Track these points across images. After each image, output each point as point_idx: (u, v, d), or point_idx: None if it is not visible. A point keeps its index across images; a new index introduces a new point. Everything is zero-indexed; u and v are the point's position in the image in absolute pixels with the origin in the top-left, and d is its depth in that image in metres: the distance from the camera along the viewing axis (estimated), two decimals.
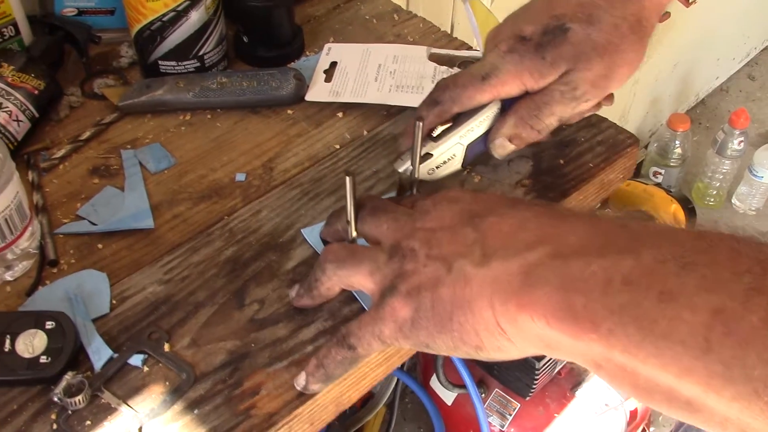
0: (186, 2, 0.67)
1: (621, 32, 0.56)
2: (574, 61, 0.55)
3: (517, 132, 0.59)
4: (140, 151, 0.67)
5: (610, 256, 0.39)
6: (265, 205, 0.63)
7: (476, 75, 0.57)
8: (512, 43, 0.57)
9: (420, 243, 0.48)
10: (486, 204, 0.48)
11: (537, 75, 0.56)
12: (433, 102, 0.58)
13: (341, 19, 0.82)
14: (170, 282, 0.58)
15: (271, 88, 0.70)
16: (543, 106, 0.57)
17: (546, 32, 0.56)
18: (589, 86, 0.56)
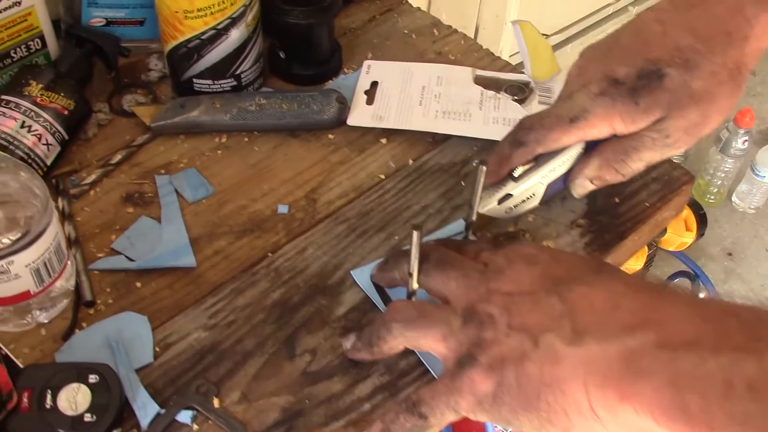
0: (227, 20, 0.63)
1: (719, 80, 0.52)
2: (668, 108, 0.52)
3: (600, 174, 0.57)
4: (175, 177, 0.64)
5: (727, 354, 0.37)
6: (311, 241, 0.60)
7: (564, 117, 0.54)
8: (604, 86, 0.53)
9: (499, 309, 0.45)
10: (568, 268, 0.46)
11: (629, 120, 0.53)
12: (517, 142, 0.56)
13: (378, 33, 0.78)
14: (216, 328, 0.55)
15: (312, 112, 0.66)
16: (631, 151, 0.55)
17: (641, 76, 0.53)
18: (682, 134, 0.54)
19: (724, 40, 0.53)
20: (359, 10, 0.81)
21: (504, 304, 0.45)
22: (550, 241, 0.61)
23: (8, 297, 0.51)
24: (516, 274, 0.46)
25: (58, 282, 0.53)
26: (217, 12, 0.62)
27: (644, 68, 0.52)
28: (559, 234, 0.62)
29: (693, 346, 0.38)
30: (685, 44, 0.52)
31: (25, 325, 0.54)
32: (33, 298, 0.52)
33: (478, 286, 0.47)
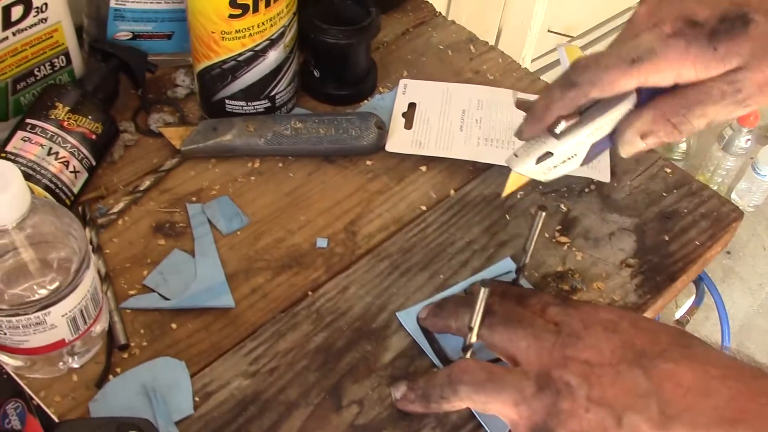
0: (266, 42, 0.59)
1: None
2: (749, 58, 0.46)
3: (654, 129, 0.49)
4: (208, 206, 0.60)
5: None
6: (353, 280, 0.57)
7: (625, 57, 0.46)
8: (680, 26, 0.46)
9: (577, 378, 0.42)
10: (650, 338, 0.43)
11: (701, 67, 0.46)
12: (570, 83, 0.48)
13: (413, 48, 0.75)
14: (257, 375, 0.52)
15: (351, 137, 0.63)
16: (695, 105, 0.47)
17: (724, 19, 0.45)
18: (756, 90, 0.47)
19: None
20: (391, 22, 0.77)
21: (583, 373, 0.43)
22: (600, 283, 0.59)
23: (42, 347, 0.48)
24: (594, 341, 0.44)
25: (94, 327, 0.50)
26: (257, 34, 0.58)
27: (729, 10, 0.45)
28: (608, 275, 0.59)
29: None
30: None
31: (57, 372, 0.51)
32: (67, 346, 0.49)
33: (553, 350, 0.44)
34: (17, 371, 0.50)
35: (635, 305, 0.58)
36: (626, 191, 0.65)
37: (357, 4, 0.67)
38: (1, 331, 0.46)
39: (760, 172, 2.06)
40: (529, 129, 0.50)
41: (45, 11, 0.57)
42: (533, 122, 0.49)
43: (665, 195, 0.65)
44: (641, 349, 0.43)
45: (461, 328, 0.50)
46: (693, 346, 0.43)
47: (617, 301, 0.58)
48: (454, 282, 0.58)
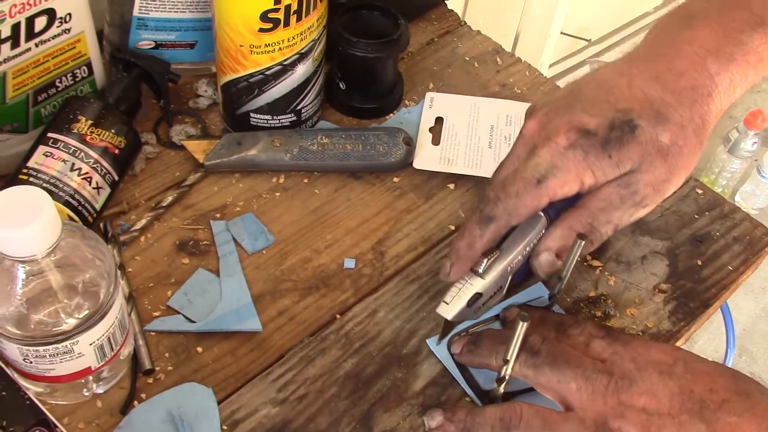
0: (295, 56, 0.58)
1: (686, 134, 0.49)
2: (639, 162, 0.48)
3: (567, 244, 0.50)
4: (232, 223, 0.59)
5: None
6: (381, 303, 0.56)
7: (530, 179, 0.48)
8: (573, 137, 0.48)
9: (637, 429, 0.41)
10: (709, 386, 0.42)
11: (599, 173, 0.48)
12: (487, 219, 0.49)
13: (438, 59, 0.73)
14: (286, 402, 0.51)
15: (379, 153, 0.62)
16: (599, 214, 0.50)
17: (613, 127, 0.48)
18: (651, 190, 0.50)
19: (691, 94, 0.49)
20: (416, 32, 0.76)
21: (642, 423, 0.41)
22: (633, 309, 0.57)
23: (67, 375, 0.46)
24: (650, 386, 0.43)
25: (121, 352, 0.49)
26: (286, 48, 0.57)
27: (616, 118, 0.48)
28: (641, 300, 0.58)
29: None
30: (654, 95, 0.48)
31: (80, 398, 0.49)
32: (93, 373, 0.47)
33: (606, 395, 0.43)
34: (39, 397, 0.48)
35: (669, 332, 0.57)
36: (657, 213, 0.64)
37: (385, 16, 0.65)
38: (27, 360, 0.45)
39: (765, 175, 2.05)
40: (456, 271, 0.50)
41: (69, 21, 0.55)
42: (458, 265, 0.50)
43: (697, 217, 0.64)
44: (701, 398, 0.42)
45: (500, 364, 0.49)
46: (752, 395, 0.42)
47: (651, 327, 0.57)
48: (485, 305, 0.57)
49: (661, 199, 0.51)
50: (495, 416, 0.46)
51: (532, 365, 0.47)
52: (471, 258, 0.50)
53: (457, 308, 0.50)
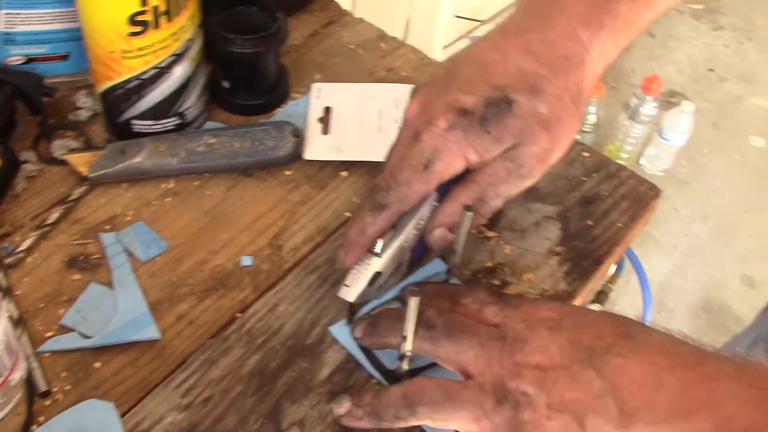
0: (170, 57, 0.57)
1: (563, 103, 0.51)
2: (520, 136, 0.50)
3: (459, 219, 0.52)
4: (123, 233, 0.58)
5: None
6: (282, 296, 0.56)
7: (417, 165, 0.49)
8: (452, 119, 0.49)
9: (533, 386, 0.42)
10: (595, 333, 0.43)
11: (482, 150, 0.50)
12: (380, 206, 0.50)
13: (323, 49, 0.73)
14: (191, 407, 0.50)
15: (267, 148, 0.62)
16: (487, 188, 0.52)
17: (489, 104, 0.49)
18: (536, 162, 0.51)
19: (564, 64, 0.51)
20: (299, 24, 0.76)
21: (537, 380, 0.42)
22: (529, 274, 0.59)
23: None
24: (542, 344, 0.44)
25: (11, 377, 0.47)
26: (160, 50, 0.56)
27: (492, 95, 0.49)
28: (537, 265, 0.60)
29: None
30: (528, 69, 0.50)
31: None
32: None
33: (502, 358, 0.44)
34: None
35: (566, 293, 0.58)
36: (547, 179, 0.65)
37: (262, 11, 0.65)
38: None
39: (666, 137, 2.13)
40: (351, 257, 0.51)
41: None
42: (353, 250, 0.51)
43: (585, 179, 0.66)
44: (589, 345, 0.43)
45: (400, 343, 0.49)
46: (635, 336, 0.43)
47: (548, 290, 0.58)
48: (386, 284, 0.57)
49: (546, 168, 0.53)
50: (398, 395, 0.47)
51: (429, 339, 0.47)
52: (364, 244, 0.51)
53: (358, 290, 0.50)
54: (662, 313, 2.02)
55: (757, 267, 2.12)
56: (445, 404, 0.45)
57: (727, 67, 2.62)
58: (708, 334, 1.98)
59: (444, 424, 0.45)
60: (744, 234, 2.19)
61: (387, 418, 0.47)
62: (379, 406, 0.47)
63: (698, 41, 2.70)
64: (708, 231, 2.18)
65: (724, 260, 2.13)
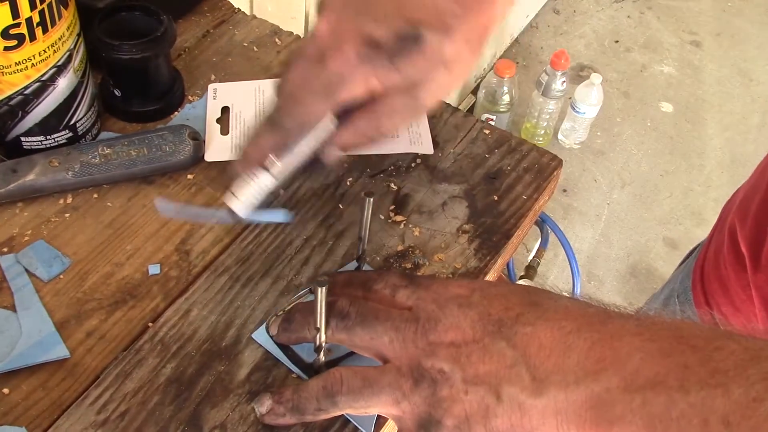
0: (52, 69, 0.55)
1: (471, 47, 0.51)
2: (423, 72, 0.51)
3: (353, 142, 0.54)
4: (22, 254, 0.56)
5: (695, 392, 0.37)
6: (193, 301, 0.55)
7: (320, 91, 0.50)
8: (362, 50, 0.49)
9: (448, 363, 0.43)
10: (504, 306, 0.44)
11: (386, 81, 0.50)
12: (277, 126, 0.51)
13: (216, 50, 0.73)
14: (108, 423, 0.49)
15: (166, 154, 0.60)
16: (383, 118, 0.52)
17: (400, 39, 0.49)
18: (431, 99, 0.53)
19: (476, 3, 0.51)
20: (190, 26, 0.74)
21: (452, 356, 0.43)
22: (440, 254, 0.60)
23: None
24: (453, 320, 0.44)
25: None
26: (40, 63, 0.54)
27: (402, 30, 0.49)
28: (447, 244, 0.60)
29: (659, 386, 0.38)
30: (445, 7, 0.50)
31: None
32: None
33: (416, 339, 0.45)
34: None
35: (477, 269, 0.59)
36: (451, 159, 0.66)
37: (147, 15, 0.63)
38: None
39: (579, 110, 2.18)
40: (241, 167, 0.52)
41: None
42: (245, 163, 0.52)
43: (488, 156, 0.67)
44: (498, 318, 0.44)
45: (315, 335, 0.49)
46: (542, 303, 0.44)
47: (459, 268, 0.59)
48: (299, 282, 0.57)
49: (438, 102, 0.54)
50: (318, 387, 0.47)
51: (344, 328, 0.47)
52: (256, 159, 0.52)
53: (247, 203, 0.52)
54: (592, 282, 2.07)
55: (676, 228, 2.19)
56: (364, 391, 0.45)
57: (631, 37, 2.69)
58: (638, 298, 2.04)
59: (366, 410, 0.46)
60: (662, 197, 2.26)
61: (309, 412, 0.47)
62: (300, 401, 0.47)
63: (602, 14, 2.77)
64: (628, 198, 2.25)
65: (645, 225, 2.20)
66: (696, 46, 2.70)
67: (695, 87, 2.56)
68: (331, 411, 0.47)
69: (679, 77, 2.58)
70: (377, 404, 0.45)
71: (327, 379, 0.47)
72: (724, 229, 0.78)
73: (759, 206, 0.70)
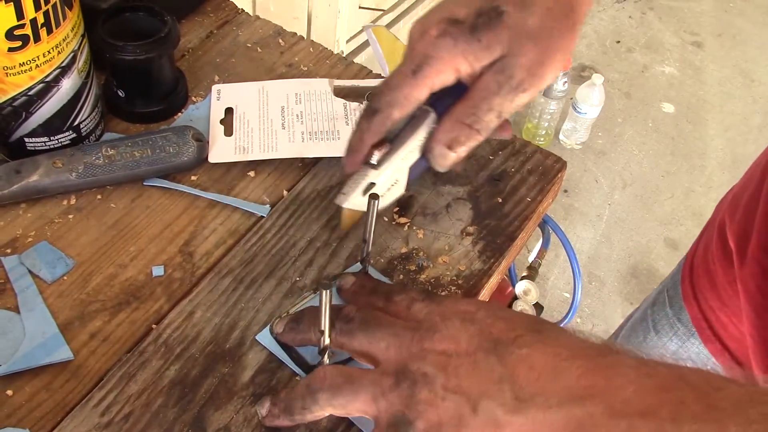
0: (56, 70, 0.55)
1: (554, 16, 0.51)
2: (509, 45, 0.50)
3: (455, 136, 0.53)
4: (26, 255, 0.56)
5: (686, 425, 0.36)
6: (197, 303, 0.55)
7: (406, 71, 0.51)
8: (444, 27, 0.51)
9: (434, 368, 0.43)
10: (507, 327, 0.44)
11: (472, 58, 0.50)
12: (372, 111, 0.52)
13: (220, 50, 0.72)
14: (111, 425, 0.49)
15: (169, 155, 0.60)
16: (481, 102, 0.52)
17: (480, 14, 0.50)
18: (526, 73, 0.51)
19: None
20: (194, 27, 0.74)
21: (440, 363, 0.43)
22: (444, 256, 0.59)
23: None
24: (452, 332, 0.44)
25: None
26: (44, 64, 0.54)
27: (483, 6, 0.50)
28: (451, 247, 0.60)
29: (650, 416, 0.37)
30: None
31: None
32: None
33: (411, 345, 0.44)
34: None
35: (481, 271, 0.59)
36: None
37: (151, 15, 0.63)
38: None
39: (580, 110, 2.18)
40: (349, 164, 0.53)
41: None
42: (350, 156, 0.53)
43: (492, 158, 0.67)
44: (497, 337, 0.43)
45: (320, 337, 0.49)
46: (544, 330, 0.44)
47: (464, 270, 0.59)
48: (303, 284, 0.57)
49: (540, 84, 0.53)
50: (304, 385, 0.47)
51: (346, 332, 0.47)
52: (361, 150, 0.53)
53: (352, 196, 0.53)
54: (593, 282, 2.07)
55: (677, 228, 2.19)
56: (344, 387, 0.45)
57: (632, 37, 2.69)
58: (639, 298, 2.04)
59: (345, 408, 0.45)
60: (663, 198, 2.26)
61: (297, 411, 0.47)
62: (289, 399, 0.47)
63: (603, 15, 2.77)
64: (629, 198, 2.24)
65: (646, 225, 2.19)
66: (697, 47, 2.70)
67: (696, 87, 2.55)
68: (314, 409, 0.46)
69: (681, 78, 2.58)
70: (356, 401, 0.44)
71: (312, 377, 0.47)
72: (714, 225, 0.78)
73: (748, 201, 0.70)
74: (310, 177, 0.63)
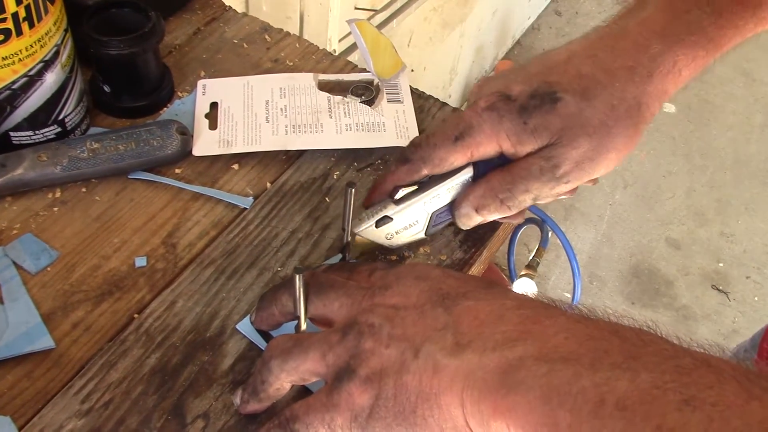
0: (39, 64, 0.56)
1: (617, 114, 0.50)
2: (559, 134, 0.50)
3: (485, 203, 0.53)
4: (10, 247, 0.57)
5: (602, 371, 0.36)
6: (179, 293, 0.56)
7: (449, 135, 0.51)
8: (493, 100, 0.50)
9: (381, 319, 0.43)
10: (458, 284, 0.44)
11: (515, 139, 0.50)
12: (404, 159, 0.53)
13: (207, 47, 0.73)
14: (92, 412, 0.49)
15: (153, 148, 0.61)
16: (519, 181, 0.51)
17: (534, 96, 0.50)
18: (573, 167, 0.50)
19: (626, 74, 0.50)
20: (181, 24, 0.75)
21: (387, 315, 0.43)
22: (426, 246, 0.60)
23: None
24: (403, 289, 0.45)
25: None
26: (27, 58, 0.55)
27: (539, 88, 0.50)
28: (432, 236, 0.61)
29: (571, 361, 0.37)
30: (586, 72, 0.50)
31: None
32: None
33: (362, 301, 0.45)
34: None
35: (462, 260, 0.59)
36: None
37: (135, 11, 0.64)
38: None
39: None
40: (371, 196, 0.55)
41: None
42: (375, 191, 0.55)
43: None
44: (447, 292, 0.44)
45: (282, 310, 0.50)
46: (494, 288, 0.44)
47: (444, 260, 0.59)
48: (285, 274, 0.57)
49: (586, 178, 0.52)
50: (259, 360, 0.47)
51: None
52: (384, 189, 0.54)
53: (365, 223, 0.54)
54: (594, 282, 2.07)
55: (679, 228, 2.19)
56: (294, 350, 0.45)
57: None
58: (640, 298, 2.04)
59: (297, 372, 0.45)
60: (664, 198, 2.26)
61: (258, 388, 0.47)
62: (252, 380, 0.48)
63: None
64: (630, 198, 2.24)
65: (648, 225, 2.19)
66: None
67: (698, 87, 2.55)
68: (269, 380, 0.46)
69: None
70: (305, 361, 0.44)
71: (265, 349, 0.47)
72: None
73: None
74: (294, 169, 0.64)
